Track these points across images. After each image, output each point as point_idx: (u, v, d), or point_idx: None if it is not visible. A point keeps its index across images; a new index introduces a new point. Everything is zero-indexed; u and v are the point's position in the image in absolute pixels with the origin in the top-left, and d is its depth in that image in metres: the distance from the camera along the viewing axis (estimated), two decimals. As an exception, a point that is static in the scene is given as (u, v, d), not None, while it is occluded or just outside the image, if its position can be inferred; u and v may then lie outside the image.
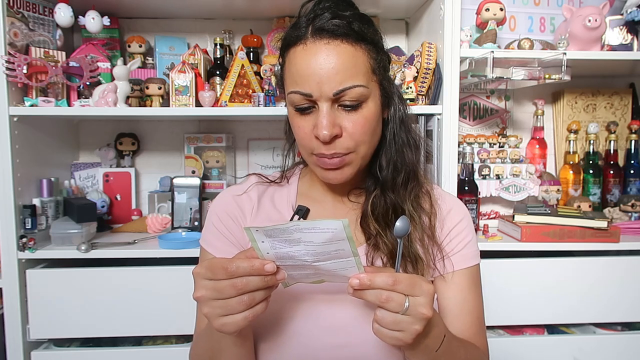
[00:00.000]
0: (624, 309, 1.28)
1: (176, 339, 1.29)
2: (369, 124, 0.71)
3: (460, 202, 0.85)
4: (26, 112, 1.21)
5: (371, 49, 0.71)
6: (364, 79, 0.69)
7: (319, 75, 0.67)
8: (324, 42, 0.67)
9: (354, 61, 0.68)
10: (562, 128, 1.60)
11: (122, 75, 1.28)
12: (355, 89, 0.68)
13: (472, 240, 0.80)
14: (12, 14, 1.20)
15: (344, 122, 0.69)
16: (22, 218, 1.22)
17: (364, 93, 0.69)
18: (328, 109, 0.68)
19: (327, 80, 0.67)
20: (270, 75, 1.33)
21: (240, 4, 1.40)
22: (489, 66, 1.23)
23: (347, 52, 0.67)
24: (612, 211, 1.43)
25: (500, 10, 1.33)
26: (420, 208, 0.77)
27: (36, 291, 1.20)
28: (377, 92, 0.72)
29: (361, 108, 0.70)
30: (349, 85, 0.67)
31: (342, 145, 0.70)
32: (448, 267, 0.77)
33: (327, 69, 0.67)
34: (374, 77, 0.71)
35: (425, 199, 0.79)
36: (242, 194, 0.82)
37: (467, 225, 0.80)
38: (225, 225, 0.79)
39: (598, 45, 1.34)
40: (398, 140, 0.77)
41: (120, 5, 1.42)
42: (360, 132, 0.70)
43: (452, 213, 0.80)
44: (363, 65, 0.69)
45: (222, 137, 1.53)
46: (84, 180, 1.53)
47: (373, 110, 0.71)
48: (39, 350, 1.23)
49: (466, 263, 0.78)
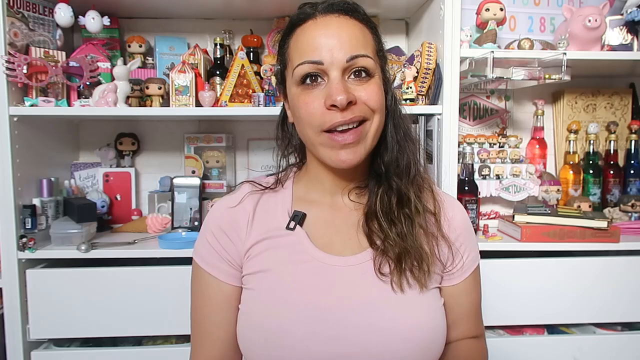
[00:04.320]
0: (623, 309, 1.28)
1: (176, 339, 1.29)
2: (381, 95, 0.72)
3: (459, 203, 0.85)
4: (26, 112, 1.21)
5: (374, 36, 0.74)
6: (372, 54, 0.71)
7: (331, 43, 0.68)
8: (335, 16, 0.70)
9: (363, 36, 0.71)
10: (562, 128, 1.60)
11: (122, 75, 1.28)
12: (367, 59, 0.69)
13: (475, 241, 0.82)
14: (12, 14, 1.20)
15: (357, 91, 0.69)
16: (22, 218, 1.22)
17: (372, 66, 0.70)
18: (340, 77, 0.68)
19: (340, 47, 0.68)
20: (270, 75, 1.33)
21: (240, 4, 1.40)
22: (489, 66, 1.23)
23: (357, 27, 0.71)
24: (612, 211, 1.43)
25: (500, 10, 1.33)
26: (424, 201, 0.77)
27: (36, 291, 1.20)
28: (379, 73, 0.73)
29: (370, 80, 0.71)
30: (362, 53, 0.69)
31: (359, 110, 0.69)
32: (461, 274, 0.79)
33: (339, 36, 0.69)
34: (379, 60, 0.73)
35: (428, 196, 0.79)
36: (237, 205, 0.79)
37: (470, 229, 0.82)
38: (219, 240, 0.77)
39: (598, 45, 1.34)
40: (398, 130, 0.77)
41: (120, 5, 1.42)
42: (374, 99, 0.70)
43: (457, 219, 0.80)
44: (371, 44, 0.72)
45: (222, 137, 1.53)
46: (84, 180, 1.53)
47: (379, 85, 0.72)
48: (39, 350, 1.23)
49: (472, 266, 0.80)
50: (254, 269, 0.75)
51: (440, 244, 0.76)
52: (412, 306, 0.71)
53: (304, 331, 0.69)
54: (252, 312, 0.73)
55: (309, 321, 0.69)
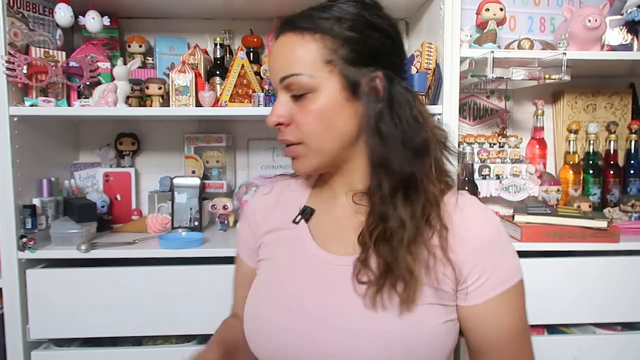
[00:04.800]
0: (623, 309, 1.28)
1: (176, 339, 1.29)
2: (317, 116, 0.69)
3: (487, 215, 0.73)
4: (26, 112, 1.21)
5: (328, 38, 0.68)
6: (307, 68, 0.68)
7: (271, 64, 0.73)
8: (281, 36, 0.72)
9: (298, 51, 0.69)
10: (562, 128, 1.60)
11: (122, 75, 1.28)
12: (296, 77, 0.68)
13: (505, 261, 0.71)
14: (12, 14, 1.20)
15: (293, 111, 0.71)
16: (22, 218, 1.22)
17: (308, 83, 0.68)
18: (282, 97, 0.71)
19: (275, 68, 0.72)
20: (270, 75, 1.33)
21: (240, 4, 1.40)
22: (489, 66, 1.23)
23: (293, 42, 0.69)
24: (612, 211, 1.43)
25: (500, 10, 1.33)
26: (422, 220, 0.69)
27: (36, 291, 1.20)
28: (333, 83, 0.68)
29: (308, 98, 0.69)
30: (289, 73, 0.69)
31: (290, 133, 0.72)
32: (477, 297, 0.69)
33: (275, 58, 0.72)
34: (327, 68, 0.68)
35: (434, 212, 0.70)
36: (268, 193, 0.86)
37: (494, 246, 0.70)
38: (246, 224, 0.87)
39: (598, 46, 1.34)
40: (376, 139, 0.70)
41: (120, 5, 1.42)
42: (305, 123, 0.70)
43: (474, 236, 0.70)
44: (309, 55, 0.68)
45: (222, 137, 1.53)
46: (84, 180, 1.53)
47: (323, 102, 0.68)
48: (39, 350, 1.23)
49: (497, 288, 0.70)
50: (261, 257, 0.81)
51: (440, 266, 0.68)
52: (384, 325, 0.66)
53: (285, 324, 0.71)
54: (249, 299, 0.78)
55: (289, 315, 0.71)
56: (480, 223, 0.72)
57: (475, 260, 0.69)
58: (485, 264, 0.69)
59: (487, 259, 0.70)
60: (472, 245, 0.69)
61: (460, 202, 0.73)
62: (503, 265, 0.71)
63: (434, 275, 0.68)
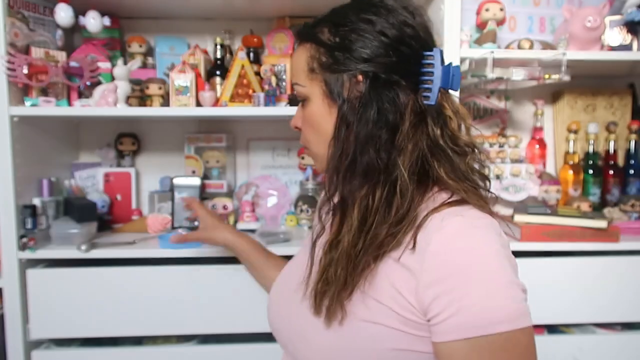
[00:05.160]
0: (623, 308, 1.28)
1: (176, 339, 1.29)
2: (308, 123, 0.73)
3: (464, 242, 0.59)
4: (26, 112, 1.21)
5: (312, 46, 0.70)
6: (300, 78, 0.72)
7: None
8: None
9: (295, 60, 0.74)
10: (561, 128, 1.60)
11: (123, 76, 1.28)
12: (295, 86, 0.74)
13: (476, 302, 0.56)
14: (13, 14, 1.20)
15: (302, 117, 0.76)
16: (22, 218, 1.22)
17: (302, 92, 0.72)
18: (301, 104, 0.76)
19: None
20: (270, 75, 1.33)
21: (240, 4, 1.40)
22: (488, 66, 1.23)
23: (300, 51, 0.73)
24: (612, 211, 1.43)
25: (500, 10, 1.34)
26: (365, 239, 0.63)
27: (36, 291, 1.20)
28: (317, 90, 0.70)
29: (305, 106, 0.73)
30: (294, 82, 0.74)
31: (302, 137, 0.77)
32: (438, 333, 0.59)
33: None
34: (311, 75, 0.70)
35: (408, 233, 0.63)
36: None
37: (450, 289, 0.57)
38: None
39: (598, 46, 1.34)
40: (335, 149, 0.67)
41: (120, 6, 1.42)
42: (303, 130, 0.76)
43: (428, 267, 0.59)
44: (300, 64, 0.72)
45: (222, 137, 1.53)
46: (84, 180, 1.53)
47: (312, 109, 0.72)
48: (39, 350, 1.23)
49: (456, 331, 0.57)
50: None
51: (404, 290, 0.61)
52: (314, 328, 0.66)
53: (270, 310, 0.82)
54: None
55: (270, 300, 0.83)
56: (450, 248, 0.59)
57: (438, 289, 0.58)
58: (449, 295, 0.57)
59: (451, 289, 0.57)
60: (438, 271, 0.58)
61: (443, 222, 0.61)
62: (476, 304, 0.56)
63: (385, 295, 0.62)
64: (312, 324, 0.67)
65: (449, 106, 0.68)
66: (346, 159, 0.65)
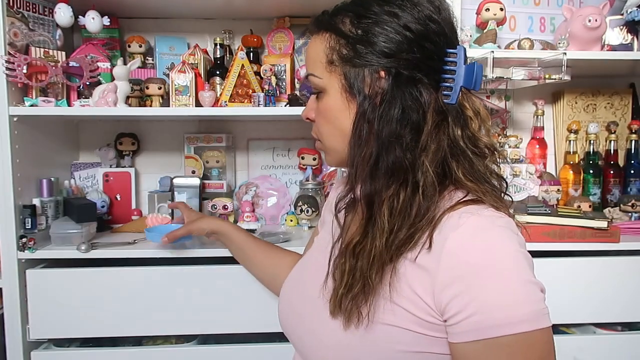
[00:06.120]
0: (624, 309, 1.28)
1: (176, 339, 1.29)
2: (323, 116, 0.71)
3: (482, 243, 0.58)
4: (26, 112, 1.21)
5: (332, 37, 0.67)
6: (316, 69, 0.70)
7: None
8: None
9: (312, 51, 0.72)
10: (562, 128, 1.60)
11: (122, 75, 1.28)
12: (310, 77, 0.72)
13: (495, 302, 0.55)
14: (12, 14, 1.20)
15: (316, 108, 0.74)
16: (22, 218, 1.22)
17: (318, 84, 0.70)
18: (313, 94, 0.75)
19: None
20: (270, 75, 1.33)
21: (240, 4, 1.40)
22: (489, 66, 1.23)
23: (312, 42, 0.72)
24: (612, 211, 1.43)
25: (501, 10, 1.33)
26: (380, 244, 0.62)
27: (36, 291, 1.20)
28: (335, 83, 0.67)
29: (321, 98, 0.71)
30: (308, 73, 0.72)
31: (313, 130, 0.76)
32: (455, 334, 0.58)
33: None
34: (329, 68, 0.68)
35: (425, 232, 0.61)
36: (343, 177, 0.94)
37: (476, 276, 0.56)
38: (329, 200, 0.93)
39: (598, 45, 1.34)
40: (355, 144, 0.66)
41: (120, 5, 1.42)
42: (317, 122, 0.74)
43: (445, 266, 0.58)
44: (317, 55, 0.70)
45: (222, 137, 1.53)
46: (84, 180, 1.53)
47: (328, 102, 0.69)
48: (38, 350, 1.23)
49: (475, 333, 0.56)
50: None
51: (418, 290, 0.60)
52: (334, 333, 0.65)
53: (281, 303, 0.81)
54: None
55: (284, 294, 0.82)
56: (468, 247, 0.58)
57: (456, 289, 0.57)
58: (466, 295, 0.56)
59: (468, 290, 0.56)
60: (455, 271, 0.57)
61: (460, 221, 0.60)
62: (495, 304, 0.55)
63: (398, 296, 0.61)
64: (328, 326, 0.66)
65: (470, 106, 0.67)
66: (370, 158, 0.64)
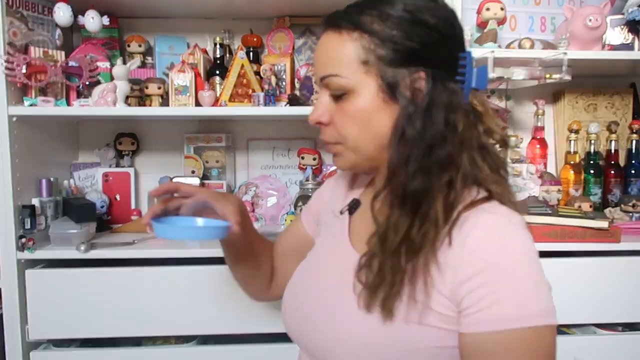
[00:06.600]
0: (624, 309, 1.28)
1: (176, 339, 1.29)
2: (353, 118, 0.67)
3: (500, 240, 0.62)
4: (25, 112, 1.21)
5: (367, 37, 0.65)
6: (343, 69, 0.66)
7: (315, 63, 0.72)
8: (324, 34, 0.70)
9: (335, 50, 0.67)
10: (562, 128, 1.59)
11: (122, 75, 1.28)
12: (332, 78, 0.67)
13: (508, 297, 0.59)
14: (12, 14, 1.19)
15: (332, 111, 0.70)
16: (21, 218, 1.22)
17: (344, 84, 0.66)
18: (322, 95, 0.71)
19: (316, 67, 0.71)
20: (270, 75, 1.33)
21: (240, 4, 1.40)
22: (489, 66, 1.23)
23: (333, 41, 0.68)
24: (613, 211, 1.43)
25: (501, 9, 1.33)
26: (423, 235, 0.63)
27: (35, 291, 1.20)
28: (370, 84, 0.66)
29: (346, 99, 0.67)
30: (326, 74, 0.68)
31: (328, 134, 0.72)
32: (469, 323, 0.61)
33: (317, 56, 0.71)
34: (364, 68, 0.66)
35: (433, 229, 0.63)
36: (341, 174, 0.90)
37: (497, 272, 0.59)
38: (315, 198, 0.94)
39: (599, 45, 1.34)
40: (400, 145, 0.66)
41: (119, 5, 1.42)
42: (342, 124, 0.69)
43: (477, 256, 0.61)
44: (346, 55, 0.66)
45: (222, 137, 1.53)
46: (84, 180, 1.53)
47: (360, 103, 0.66)
48: (38, 350, 1.23)
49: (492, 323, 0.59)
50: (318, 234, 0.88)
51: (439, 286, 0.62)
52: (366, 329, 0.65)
53: (287, 305, 0.79)
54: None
55: (290, 297, 0.80)
56: (487, 244, 0.61)
57: (478, 282, 0.59)
58: (487, 288, 0.59)
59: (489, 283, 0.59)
60: (470, 271, 0.60)
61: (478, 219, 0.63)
62: (512, 298, 0.59)
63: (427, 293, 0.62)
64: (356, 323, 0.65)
65: (479, 103, 0.70)
66: (420, 155, 0.64)
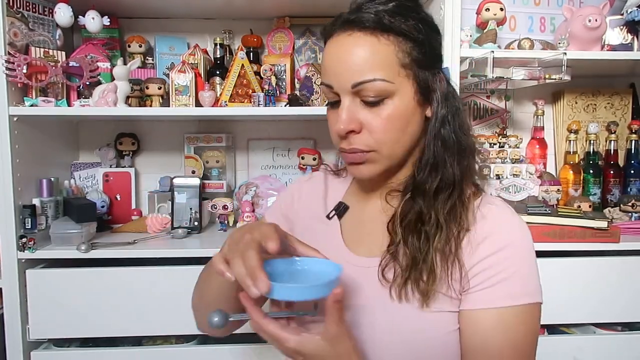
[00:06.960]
0: (624, 309, 1.28)
1: (176, 339, 1.29)
2: (393, 123, 0.67)
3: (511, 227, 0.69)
4: (26, 112, 1.21)
5: (402, 41, 0.66)
6: (386, 73, 0.65)
7: (338, 66, 0.66)
8: (347, 34, 0.66)
9: (375, 54, 0.65)
10: (562, 128, 1.60)
11: (122, 75, 1.28)
12: (374, 83, 0.64)
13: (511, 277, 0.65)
14: (12, 14, 1.20)
15: (365, 118, 0.67)
16: (22, 218, 1.22)
17: (386, 88, 0.65)
18: (349, 102, 0.67)
19: (345, 72, 0.66)
20: (270, 75, 1.33)
21: (240, 4, 1.40)
22: (489, 66, 1.23)
23: (367, 44, 0.65)
24: (612, 211, 1.43)
25: (501, 10, 1.33)
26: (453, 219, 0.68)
27: (36, 291, 1.20)
28: (408, 88, 0.67)
29: (384, 104, 0.66)
30: (366, 79, 0.64)
31: (361, 142, 0.68)
32: (469, 302, 0.67)
33: (345, 60, 0.66)
34: (404, 72, 0.66)
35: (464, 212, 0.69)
36: (308, 180, 0.89)
37: (508, 258, 0.66)
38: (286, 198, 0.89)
39: (598, 45, 1.34)
40: (437, 142, 0.70)
41: (120, 5, 1.42)
42: (380, 131, 0.66)
43: (487, 241, 0.67)
44: (387, 59, 0.65)
45: (222, 137, 1.53)
46: (84, 180, 1.53)
47: (400, 107, 0.66)
48: (38, 350, 1.23)
49: (493, 302, 0.65)
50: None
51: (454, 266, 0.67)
52: (407, 317, 0.67)
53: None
54: None
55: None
56: (504, 230, 0.69)
57: (491, 262, 0.66)
58: (503, 267, 0.66)
59: (504, 263, 0.66)
60: (492, 248, 0.66)
61: (488, 206, 0.70)
62: (515, 281, 0.66)
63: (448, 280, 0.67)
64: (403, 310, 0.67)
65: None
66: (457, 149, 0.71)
